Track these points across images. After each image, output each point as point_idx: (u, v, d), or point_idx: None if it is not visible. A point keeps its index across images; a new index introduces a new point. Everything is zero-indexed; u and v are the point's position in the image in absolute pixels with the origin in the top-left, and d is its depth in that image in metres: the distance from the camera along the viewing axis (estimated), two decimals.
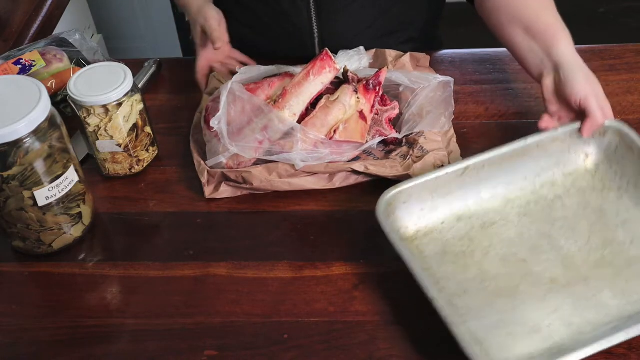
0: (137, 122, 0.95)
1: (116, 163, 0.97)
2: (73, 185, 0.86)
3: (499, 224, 0.86)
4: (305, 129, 0.91)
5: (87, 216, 0.91)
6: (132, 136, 0.95)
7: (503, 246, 0.84)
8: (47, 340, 0.81)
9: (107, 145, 0.94)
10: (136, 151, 0.97)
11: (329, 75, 0.94)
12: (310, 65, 0.94)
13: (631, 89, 1.07)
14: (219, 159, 0.92)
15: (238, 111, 0.92)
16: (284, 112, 0.92)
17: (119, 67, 0.94)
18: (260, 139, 0.91)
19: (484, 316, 0.77)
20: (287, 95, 0.93)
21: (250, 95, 0.93)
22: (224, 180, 0.93)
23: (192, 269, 0.87)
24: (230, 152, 0.91)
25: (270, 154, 0.92)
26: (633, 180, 0.88)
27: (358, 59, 1.02)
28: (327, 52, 0.94)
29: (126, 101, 0.92)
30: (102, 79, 0.92)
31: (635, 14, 2.63)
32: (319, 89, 0.94)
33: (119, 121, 0.92)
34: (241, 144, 0.91)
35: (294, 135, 0.90)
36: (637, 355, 0.75)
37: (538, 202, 0.88)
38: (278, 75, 0.99)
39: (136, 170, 0.99)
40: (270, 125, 0.91)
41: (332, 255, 0.87)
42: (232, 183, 0.93)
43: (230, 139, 0.91)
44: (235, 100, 0.92)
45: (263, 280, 0.85)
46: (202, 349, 0.78)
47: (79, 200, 0.89)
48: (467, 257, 0.83)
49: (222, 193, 0.94)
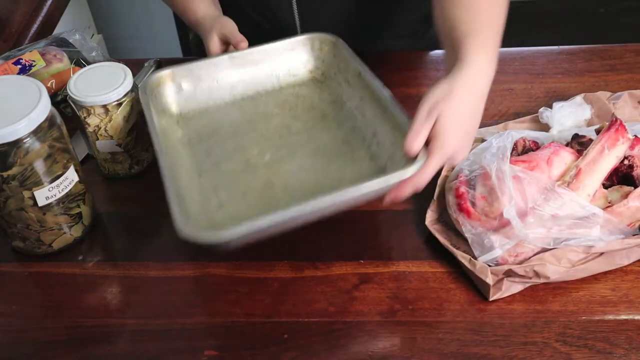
0: (137, 122, 0.95)
1: (116, 163, 0.97)
2: (73, 185, 0.86)
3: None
4: (611, 218, 0.80)
5: (87, 216, 0.91)
6: (132, 136, 0.95)
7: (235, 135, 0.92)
8: (47, 340, 0.81)
9: (107, 145, 0.94)
10: (136, 151, 0.97)
11: (623, 147, 0.84)
12: (602, 137, 0.84)
13: (631, 89, 1.07)
14: (495, 253, 0.80)
15: (518, 195, 0.81)
16: (580, 194, 0.81)
17: (119, 67, 0.94)
18: (550, 226, 0.80)
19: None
20: (581, 175, 0.82)
21: (538, 176, 0.82)
22: (506, 276, 0.81)
23: (192, 269, 0.87)
24: (513, 243, 0.80)
25: (558, 242, 0.81)
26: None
27: (581, 111, 0.94)
28: (620, 122, 0.84)
29: (126, 101, 0.92)
30: (102, 79, 0.92)
31: (635, 14, 2.63)
32: (614, 163, 0.84)
33: (119, 121, 0.92)
34: (531, 234, 0.80)
35: (592, 222, 0.80)
36: (637, 355, 0.75)
37: (284, 102, 0.97)
38: (544, 149, 0.87)
39: (136, 171, 0.99)
40: (565, 210, 0.80)
41: (332, 255, 0.87)
42: (517, 278, 0.80)
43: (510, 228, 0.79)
44: (514, 182, 0.81)
45: (263, 280, 0.85)
46: (202, 349, 0.78)
47: (79, 200, 0.89)
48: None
49: (506, 291, 0.80)
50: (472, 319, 0.79)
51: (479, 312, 0.80)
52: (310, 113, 0.94)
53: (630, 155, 0.85)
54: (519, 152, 0.89)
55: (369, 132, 0.87)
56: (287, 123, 0.93)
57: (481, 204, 0.82)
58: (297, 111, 0.95)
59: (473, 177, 0.85)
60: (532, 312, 0.79)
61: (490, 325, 0.79)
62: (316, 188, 0.81)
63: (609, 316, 0.79)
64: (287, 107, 0.96)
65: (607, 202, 0.83)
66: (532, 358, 0.75)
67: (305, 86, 0.99)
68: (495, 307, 0.80)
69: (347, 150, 0.87)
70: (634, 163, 0.85)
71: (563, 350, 0.76)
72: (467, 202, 0.83)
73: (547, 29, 2.58)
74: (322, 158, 0.87)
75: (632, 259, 0.83)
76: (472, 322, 0.79)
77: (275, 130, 0.92)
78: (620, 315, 0.79)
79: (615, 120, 0.85)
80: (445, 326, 0.79)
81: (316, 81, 0.99)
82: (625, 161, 0.85)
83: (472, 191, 0.84)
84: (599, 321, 0.79)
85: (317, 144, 0.89)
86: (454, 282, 0.83)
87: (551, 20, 2.65)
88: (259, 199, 0.83)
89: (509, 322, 0.79)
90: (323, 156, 0.87)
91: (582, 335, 0.77)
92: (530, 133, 0.92)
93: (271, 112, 0.96)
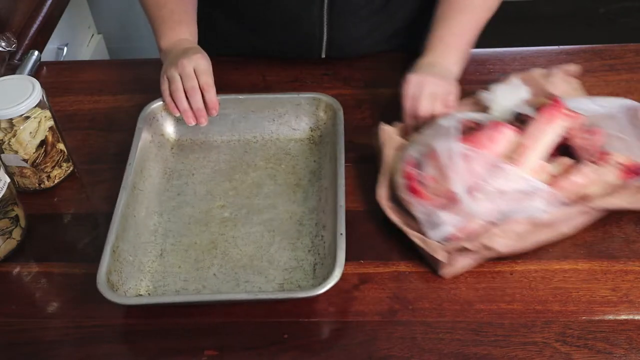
0: (47, 138, 0.94)
1: (24, 177, 0.95)
2: (6, 187, 0.86)
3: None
4: (554, 192, 0.83)
5: (22, 218, 0.91)
6: (41, 152, 0.94)
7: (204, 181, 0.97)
8: (47, 340, 0.81)
9: (12, 160, 0.93)
10: (46, 167, 0.95)
11: (562, 123, 0.87)
12: (543, 115, 0.87)
13: (631, 89, 1.07)
14: (445, 230, 0.83)
15: (465, 172, 0.84)
16: (524, 169, 0.84)
17: (29, 81, 0.92)
18: (496, 201, 0.83)
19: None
20: (525, 151, 0.85)
21: (484, 153, 0.84)
22: (457, 252, 0.82)
23: None
24: (462, 219, 0.83)
25: (505, 215, 0.83)
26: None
27: (517, 91, 0.96)
28: (558, 98, 0.88)
29: (33, 117, 0.91)
30: (9, 93, 0.90)
31: (635, 14, 2.63)
32: (555, 138, 0.87)
33: (24, 136, 0.91)
34: (478, 209, 0.83)
35: (536, 195, 0.83)
36: (637, 355, 0.75)
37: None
38: (485, 127, 0.89)
39: (46, 186, 0.97)
40: (510, 185, 0.83)
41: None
42: (469, 254, 0.82)
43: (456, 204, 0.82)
44: (460, 159, 0.84)
45: None
46: (202, 349, 0.78)
47: (13, 204, 0.89)
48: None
49: (458, 267, 0.83)
50: (472, 319, 0.79)
51: (479, 312, 0.80)
52: (287, 177, 0.97)
53: (569, 128, 0.88)
54: (462, 132, 0.91)
55: (322, 222, 0.89)
56: (262, 182, 0.96)
57: (429, 183, 0.85)
58: (278, 170, 0.98)
59: (421, 157, 0.88)
60: (532, 312, 0.79)
61: (490, 325, 0.79)
62: (247, 266, 0.86)
63: (609, 316, 0.79)
64: (272, 162, 0.99)
65: (549, 175, 0.86)
66: (532, 358, 0.75)
67: (300, 144, 1.02)
68: (495, 307, 0.80)
69: (295, 232, 0.90)
70: (571, 135, 0.88)
71: (563, 350, 0.76)
72: (416, 182, 0.86)
73: (547, 29, 2.57)
74: (270, 234, 0.89)
75: (577, 228, 0.86)
76: (472, 322, 0.79)
77: (247, 186, 0.96)
78: (620, 315, 0.79)
79: (553, 97, 0.89)
80: (445, 326, 0.79)
81: (312, 142, 1.02)
82: (564, 134, 0.88)
83: (420, 171, 0.87)
84: (599, 321, 0.79)
85: (274, 215, 0.92)
86: (454, 282, 0.83)
87: (551, 20, 2.65)
88: (197, 260, 0.87)
89: (509, 322, 0.79)
90: (272, 231, 0.90)
91: (582, 335, 0.77)
92: (473, 115, 0.95)
93: (255, 164, 0.99)
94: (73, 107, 1.12)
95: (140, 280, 0.84)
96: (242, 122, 1.02)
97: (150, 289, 0.84)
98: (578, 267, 0.84)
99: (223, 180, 0.97)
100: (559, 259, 0.85)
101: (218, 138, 1.02)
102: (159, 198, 0.94)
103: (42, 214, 0.95)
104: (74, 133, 1.06)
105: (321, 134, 1.01)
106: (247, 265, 0.86)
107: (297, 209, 0.92)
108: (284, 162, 0.99)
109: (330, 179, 0.91)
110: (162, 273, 0.85)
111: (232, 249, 0.88)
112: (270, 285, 0.83)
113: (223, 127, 1.02)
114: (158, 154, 0.98)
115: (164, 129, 1.01)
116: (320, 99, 1.01)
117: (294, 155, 1.00)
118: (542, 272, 0.84)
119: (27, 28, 1.31)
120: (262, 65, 1.16)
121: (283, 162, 0.99)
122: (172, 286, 0.84)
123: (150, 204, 0.92)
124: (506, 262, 0.84)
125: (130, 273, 0.84)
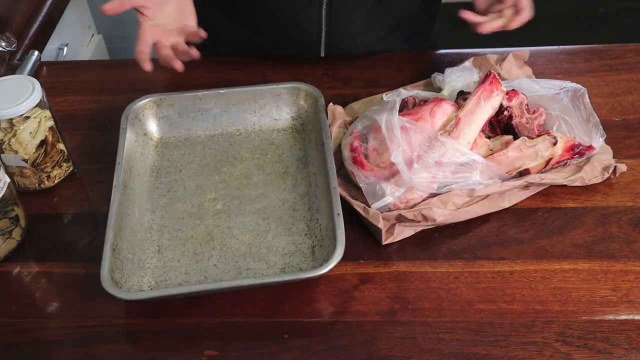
0: (47, 138, 0.94)
1: (24, 177, 0.96)
2: (6, 187, 0.86)
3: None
4: (490, 164, 0.87)
5: (22, 218, 0.91)
6: (41, 152, 0.94)
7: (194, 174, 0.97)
8: (47, 340, 0.81)
9: (12, 160, 0.93)
10: (46, 167, 0.96)
11: (498, 98, 0.90)
12: (478, 90, 0.90)
13: (631, 89, 1.08)
14: (386, 200, 0.86)
15: (405, 144, 0.87)
16: (460, 142, 0.88)
17: (29, 81, 0.92)
18: (434, 172, 0.86)
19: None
20: (460, 124, 0.88)
21: (423, 126, 0.88)
22: (398, 222, 0.87)
23: None
24: (403, 190, 0.86)
25: (443, 186, 0.87)
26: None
27: (469, 74, 1.00)
28: (494, 75, 0.91)
29: (33, 117, 0.91)
30: (9, 93, 0.90)
31: (635, 14, 2.63)
32: (490, 114, 0.90)
33: (24, 136, 0.91)
34: (417, 180, 0.86)
35: (473, 168, 0.87)
36: (637, 355, 0.75)
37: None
38: (428, 103, 0.92)
39: (46, 186, 0.98)
40: (447, 157, 0.86)
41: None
42: (408, 223, 0.87)
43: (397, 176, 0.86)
44: (401, 132, 0.87)
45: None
46: (202, 349, 0.78)
47: (13, 204, 0.89)
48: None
49: (398, 236, 0.87)
50: (472, 319, 0.79)
51: (479, 312, 0.80)
52: (274, 166, 0.98)
53: (510, 106, 0.91)
54: (409, 109, 0.94)
55: (315, 205, 0.90)
56: (250, 172, 0.97)
57: (373, 155, 0.89)
58: (265, 160, 0.99)
59: (365, 131, 0.91)
60: (532, 312, 0.80)
61: (490, 325, 0.79)
62: (247, 254, 0.87)
63: (609, 316, 0.79)
64: (258, 153, 1.00)
65: (489, 150, 0.90)
66: (532, 358, 0.75)
67: (283, 133, 1.02)
68: (495, 307, 0.80)
69: (290, 218, 0.90)
70: (512, 113, 0.92)
71: (563, 350, 0.76)
72: (361, 154, 0.90)
73: (547, 29, 2.57)
74: (265, 221, 0.90)
75: (512, 202, 0.90)
76: (472, 322, 0.79)
77: (236, 178, 0.97)
78: (620, 315, 0.79)
79: (489, 73, 0.91)
80: (445, 326, 0.79)
81: (295, 130, 1.02)
82: (505, 112, 0.92)
83: (365, 144, 0.90)
84: (599, 321, 0.79)
85: (266, 204, 0.93)
86: (454, 282, 0.83)
87: (551, 20, 2.65)
88: (195, 252, 0.87)
89: (509, 322, 0.79)
90: (266, 219, 0.90)
91: (582, 335, 0.77)
92: (421, 92, 0.98)
93: (241, 155, 1.00)
94: (73, 107, 1.12)
95: (141, 276, 0.84)
96: (224, 116, 1.03)
97: (153, 284, 0.84)
98: (578, 267, 0.84)
99: (211, 173, 0.97)
100: (559, 259, 0.85)
101: (201, 133, 1.03)
102: (149, 196, 0.94)
103: (42, 214, 0.95)
104: (74, 133, 1.06)
105: (303, 122, 1.02)
106: (246, 254, 0.86)
107: (288, 195, 0.93)
108: (269, 152, 1.00)
109: (319, 165, 0.92)
110: (162, 268, 0.86)
111: (229, 239, 0.88)
112: (271, 270, 0.84)
113: (205, 123, 1.03)
114: (144, 153, 0.99)
115: (146, 127, 1.02)
116: (300, 88, 1.02)
117: (278, 144, 1.01)
118: (542, 272, 0.84)
119: (27, 28, 1.31)
120: (262, 65, 1.16)
121: (268, 152, 1.00)
122: (174, 280, 0.84)
123: (142, 202, 0.93)
124: (506, 262, 0.85)
125: (131, 270, 0.84)
